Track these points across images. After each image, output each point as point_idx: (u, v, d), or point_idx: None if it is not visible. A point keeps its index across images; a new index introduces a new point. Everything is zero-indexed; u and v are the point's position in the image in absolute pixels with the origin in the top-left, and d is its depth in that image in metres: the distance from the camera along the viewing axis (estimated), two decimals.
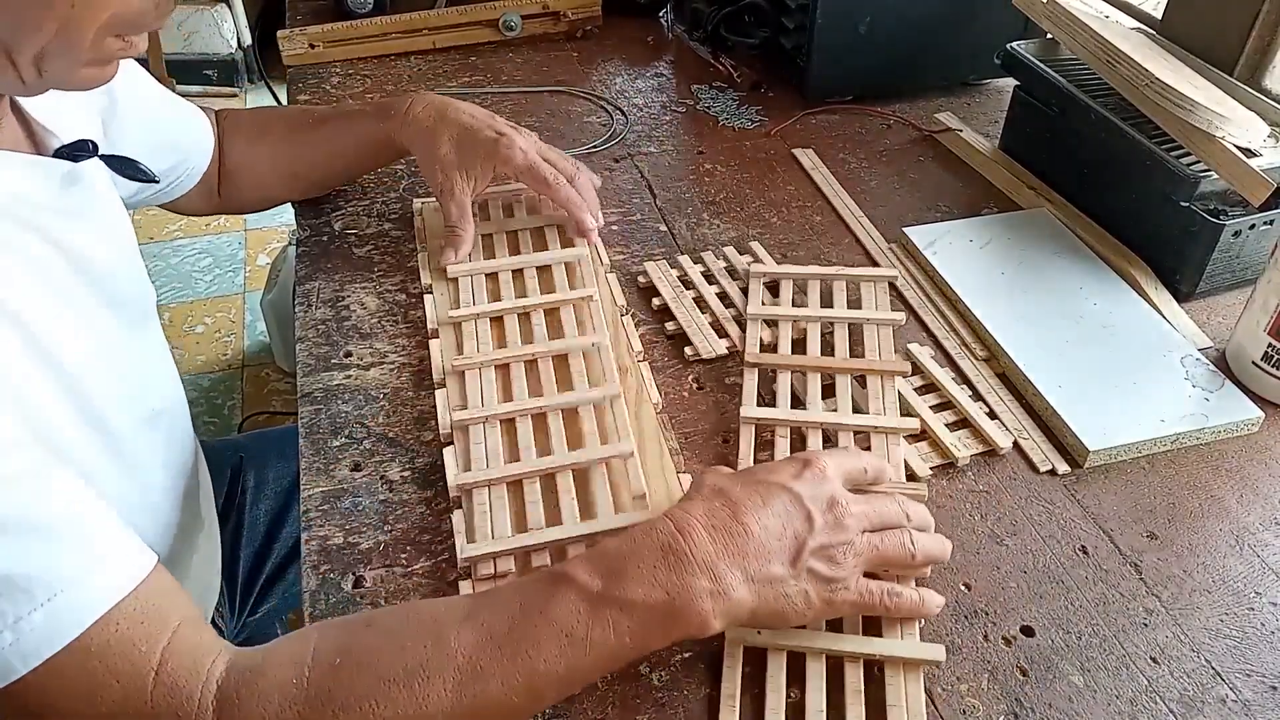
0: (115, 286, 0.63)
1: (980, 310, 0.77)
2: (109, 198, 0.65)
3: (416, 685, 0.46)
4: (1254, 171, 0.71)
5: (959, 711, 0.52)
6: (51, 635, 0.44)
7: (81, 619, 0.45)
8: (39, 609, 0.44)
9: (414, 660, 0.46)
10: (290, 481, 0.94)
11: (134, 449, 0.64)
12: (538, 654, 0.47)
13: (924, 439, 0.68)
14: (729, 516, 0.50)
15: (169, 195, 0.81)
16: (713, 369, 0.74)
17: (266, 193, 0.87)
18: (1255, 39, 0.86)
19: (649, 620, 0.48)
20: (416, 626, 0.48)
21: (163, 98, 0.77)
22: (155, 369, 0.71)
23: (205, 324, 2.04)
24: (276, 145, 0.84)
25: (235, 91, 2.78)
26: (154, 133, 0.74)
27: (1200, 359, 0.73)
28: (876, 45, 1.03)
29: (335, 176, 0.88)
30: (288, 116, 0.86)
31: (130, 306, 0.66)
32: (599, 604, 0.47)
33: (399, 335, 0.75)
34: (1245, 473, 0.66)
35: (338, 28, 1.12)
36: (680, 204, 0.92)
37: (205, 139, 0.81)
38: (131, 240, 0.68)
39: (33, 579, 0.44)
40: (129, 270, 0.66)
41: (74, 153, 0.59)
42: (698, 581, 0.48)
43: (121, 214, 0.67)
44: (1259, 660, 0.55)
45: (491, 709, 0.47)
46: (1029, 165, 0.95)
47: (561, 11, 1.17)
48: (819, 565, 0.50)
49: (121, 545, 0.48)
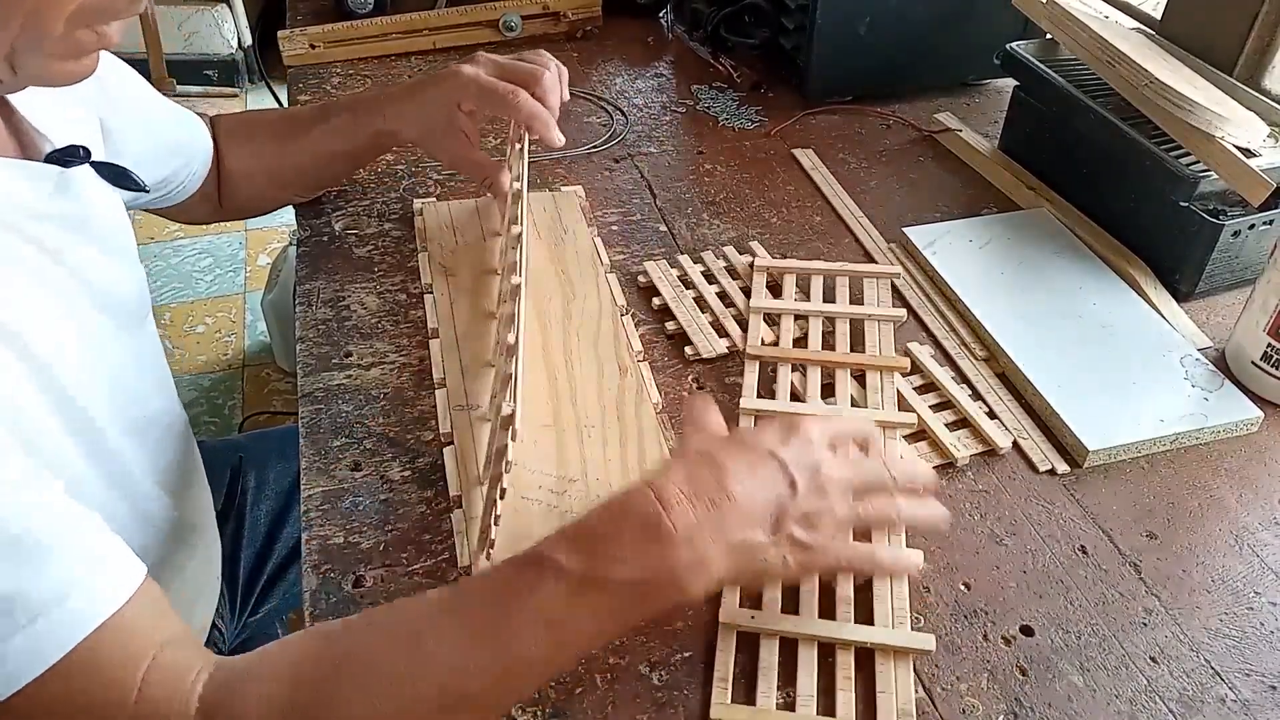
0: (110, 291, 0.62)
1: (980, 310, 0.77)
2: (105, 202, 0.64)
3: (398, 690, 0.45)
4: (1253, 171, 0.72)
5: (959, 711, 0.52)
6: (32, 660, 0.43)
7: (63, 642, 0.43)
8: (19, 632, 0.43)
9: (395, 666, 0.46)
10: (291, 482, 0.94)
11: (124, 457, 0.63)
12: (519, 643, 0.46)
13: (923, 439, 0.68)
14: (713, 483, 0.49)
15: (173, 200, 0.81)
16: (713, 368, 0.74)
17: (261, 197, 0.87)
18: (1255, 39, 0.87)
19: (631, 598, 0.47)
20: (396, 629, 0.48)
21: (160, 103, 0.77)
22: (149, 374, 0.70)
23: (206, 324, 2.04)
24: (264, 150, 0.84)
25: (236, 92, 2.78)
26: (155, 137, 0.74)
27: (1200, 359, 0.73)
28: (876, 45, 1.03)
29: (323, 180, 0.88)
30: (272, 122, 0.86)
31: (125, 311, 0.65)
32: (580, 588, 0.47)
33: (399, 335, 0.75)
34: (1245, 473, 0.67)
35: (338, 28, 1.12)
36: (680, 204, 0.92)
37: (205, 144, 0.81)
38: (129, 245, 0.67)
39: (14, 600, 0.43)
40: (126, 275, 0.65)
41: (65, 158, 0.58)
42: (679, 555, 0.47)
43: (119, 218, 0.66)
44: (1258, 660, 0.55)
45: (475, 701, 0.46)
46: (1029, 165, 0.95)
47: (562, 12, 1.17)
48: (799, 531, 0.50)
49: (107, 563, 0.47)
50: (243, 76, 2.79)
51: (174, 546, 0.72)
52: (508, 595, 0.47)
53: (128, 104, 0.71)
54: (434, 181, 0.93)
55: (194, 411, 1.83)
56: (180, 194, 0.81)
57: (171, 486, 0.72)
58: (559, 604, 0.46)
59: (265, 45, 2.80)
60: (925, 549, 0.60)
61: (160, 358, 0.73)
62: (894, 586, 0.57)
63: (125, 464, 0.64)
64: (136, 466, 0.66)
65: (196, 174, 0.81)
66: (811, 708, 0.52)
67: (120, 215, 0.66)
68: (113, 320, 0.63)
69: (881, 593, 0.57)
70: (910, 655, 0.54)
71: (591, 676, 0.53)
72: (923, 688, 0.53)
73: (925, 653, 0.54)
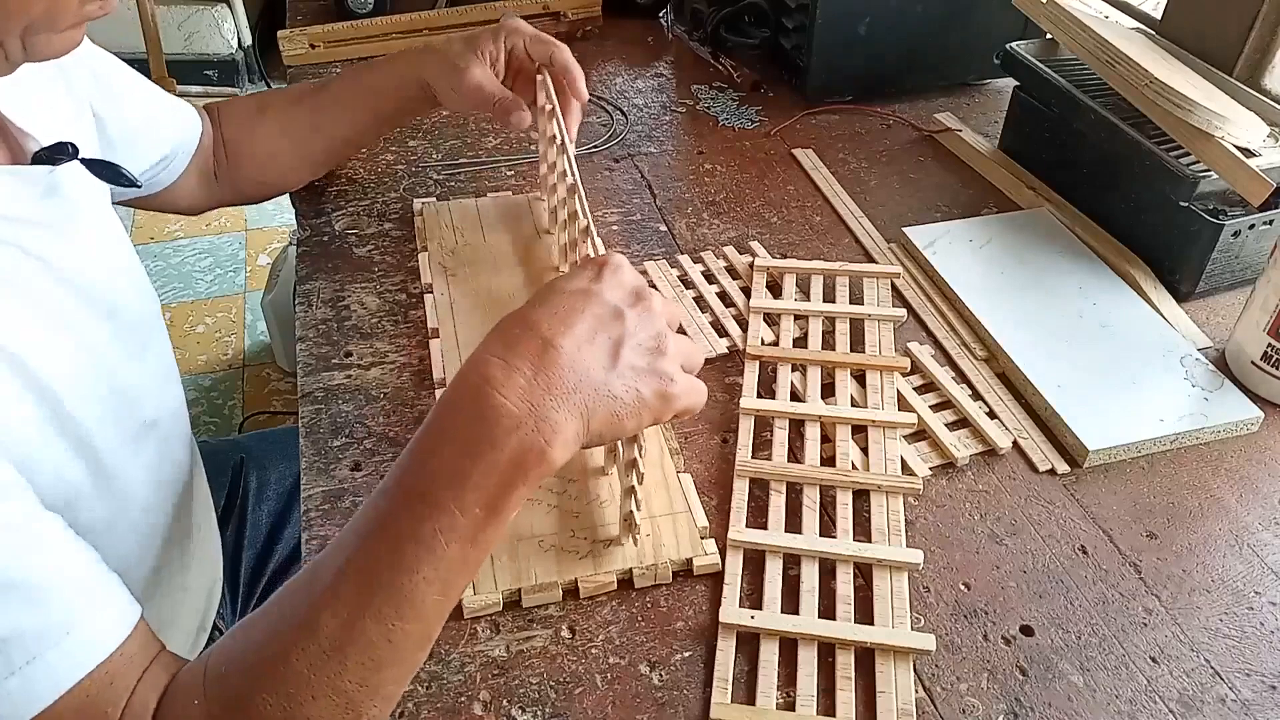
0: (106, 296, 0.61)
1: (980, 310, 0.77)
2: (95, 203, 0.63)
3: (297, 658, 0.43)
4: (1253, 171, 0.72)
5: (959, 711, 0.52)
6: (29, 701, 0.43)
7: (59, 684, 0.44)
8: (16, 674, 0.43)
9: (291, 635, 0.44)
10: (292, 482, 0.94)
11: (124, 467, 0.62)
12: (401, 575, 0.44)
13: (923, 438, 0.68)
14: (534, 341, 0.46)
15: (160, 184, 0.80)
16: (713, 368, 0.74)
17: (276, 172, 0.86)
18: (1255, 39, 0.86)
19: (493, 489, 0.45)
20: (290, 598, 0.46)
21: (145, 85, 0.76)
22: (154, 379, 0.69)
23: (206, 324, 2.04)
24: (281, 118, 0.83)
25: (236, 92, 2.78)
26: (146, 119, 0.74)
27: (1200, 359, 0.73)
28: (876, 45, 1.03)
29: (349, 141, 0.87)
30: (288, 91, 0.86)
31: (125, 316, 0.64)
32: (441, 504, 0.44)
33: (399, 335, 0.75)
34: (1245, 473, 0.67)
35: (338, 28, 1.12)
36: (680, 204, 0.92)
37: (191, 128, 0.80)
38: (124, 246, 0.66)
39: (11, 642, 0.43)
40: (122, 279, 0.64)
41: (54, 155, 0.57)
42: (523, 429, 0.44)
43: (111, 219, 0.65)
44: (1258, 660, 0.55)
45: (382, 645, 0.44)
46: (1029, 165, 0.95)
47: (562, 12, 1.17)
48: (639, 359, 0.48)
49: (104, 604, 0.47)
50: (243, 76, 2.80)
51: (175, 550, 0.72)
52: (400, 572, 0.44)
53: (117, 91, 0.71)
54: (434, 181, 0.93)
55: (194, 411, 1.84)
56: (168, 176, 0.80)
57: (173, 491, 0.72)
58: (429, 528, 0.44)
59: (265, 45, 2.80)
60: (925, 549, 0.60)
61: (169, 358, 0.72)
62: (894, 586, 0.57)
63: (125, 474, 0.63)
64: (137, 475, 0.65)
65: (180, 161, 0.80)
66: (811, 708, 0.52)
67: (111, 216, 0.66)
68: (114, 324, 0.62)
69: (882, 592, 0.57)
70: (910, 655, 0.54)
71: (591, 676, 0.53)
72: (923, 688, 0.53)
73: (925, 653, 0.54)
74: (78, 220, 0.60)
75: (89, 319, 0.59)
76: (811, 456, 0.65)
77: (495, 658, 0.54)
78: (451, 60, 0.77)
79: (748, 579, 0.58)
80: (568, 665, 0.54)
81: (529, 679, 0.53)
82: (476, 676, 0.53)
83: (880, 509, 0.62)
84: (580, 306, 0.48)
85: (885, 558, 0.58)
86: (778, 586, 0.57)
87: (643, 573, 0.58)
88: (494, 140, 0.99)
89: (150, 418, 0.67)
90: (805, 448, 0.66)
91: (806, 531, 0.60)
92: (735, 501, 0.62)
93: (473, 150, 0.98)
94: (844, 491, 0.63)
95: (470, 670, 0.54)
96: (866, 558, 0.59)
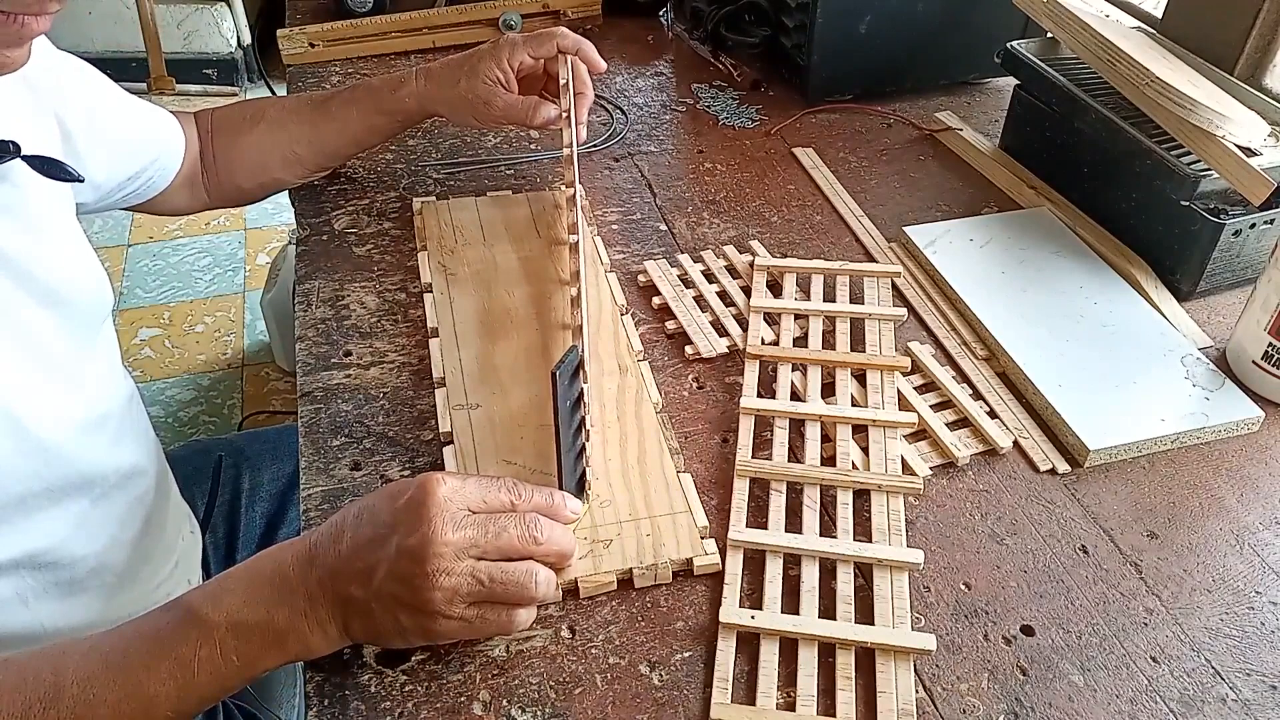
0: (52, 287, 0.63)
1: (980, 309, 0.77)
2: (43, 196, 0.64)
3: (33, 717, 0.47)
4: (1254, 170, 0.71)
5: (959, 711, 0.52)
6: None
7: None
8: None
9: (33, 695, 0.48)
10: (287, 483, 0.94)
11: (73, 458, 0.64)
12: (149, 676, 0.48)
13: (924, 438, 0.68)
14: (330, 540, 0.51)
15: (145, 195, 0.81)
16: (713, 368, 0.74)
17: (265, 179, 0.87)
18: (1255, 38, 0.86)
19: (253, 642, 0.49)
20: (41, 661, 0.49)
21: (125, 100, 0.77)
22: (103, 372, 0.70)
23: (205, 323, 2.04)
24: (273, 128, 0.84)
25: (235, 91, 2.77)
26: (120, 133, 0.74)
27: (1200, 358, 0.73)
28: (876, 45, 1.03)
29: (339, 154, 0.88)
30: (283, 102, 0.87)
31: (74, 308, 0.65)
32: (208, 626, 0.49)
33: (399, 335, 0.75)
34: (1245, 472, 0.66)
35: (337, 27, 1.12)
36: (680, 203, 0.92)
37: (175, 140, 0.81)
38: (75, 238, 0.67)
39: None
40: (72, 270, 0.66)
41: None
42: (296, 605, 0.49)
43: (62, 211, 0.66)
44: (1259, 659, 0.55)
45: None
46: (1029, 164, 0.95)
47: (561, 10, 1.17)
48: (398, 589, 0.49)
49: None
50: (242, 75, 2.79)
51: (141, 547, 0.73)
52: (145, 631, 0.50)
53: (89, 102, 0.71)
54: (434, 181, 0.93)
55: (193, 411, 1.84)
56: (150, 190, 0.81)
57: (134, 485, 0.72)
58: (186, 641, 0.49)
59: (265, 44, 2.80)
60: (926, 549, 0.60)
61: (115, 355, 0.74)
62: (894, 586, 0.57)
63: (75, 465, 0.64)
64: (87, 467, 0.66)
65: (167, 170, 0.81)
66: (812, 708, 0.52)
67: (62, 208, 0.67)
68: (61, 315, 0.63)
69: (882, 592, 0.57)
70: (911, 655, 0.54)
71: (591, 676, 0.53)
72: (923, 688, 0.53)
73: (926, 653, 0.54)
74: (22, 210, 0.62)
75: (36, 308, 0.61)
76: (812, 456, 0.65)
77: (495, 657, 0.54)
78: (467, 99, 0.81)
79: (748, 579, 0.58)
80: (567, 665, 0.54)
81: (529, 679, 0.53)
82: (476, 676, 0.53)
83: (881, 509, 0.62)
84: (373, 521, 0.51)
85: (886, 557, 0.58)
86: (778, 586, 0.57)
87: (643, 573, 0.58)
88: (494, 139, 0.99)
89: (103, 410, 0.68)
90: (805, 447, 0.66)
91: (807, 531, 0.60)
92: (735, 501, 0.62)
93: (472, 149, 0.97)
94: (844, 491, 0.63)
95: (470, 670, 0.53)
96: (867, 557, 0.58)
